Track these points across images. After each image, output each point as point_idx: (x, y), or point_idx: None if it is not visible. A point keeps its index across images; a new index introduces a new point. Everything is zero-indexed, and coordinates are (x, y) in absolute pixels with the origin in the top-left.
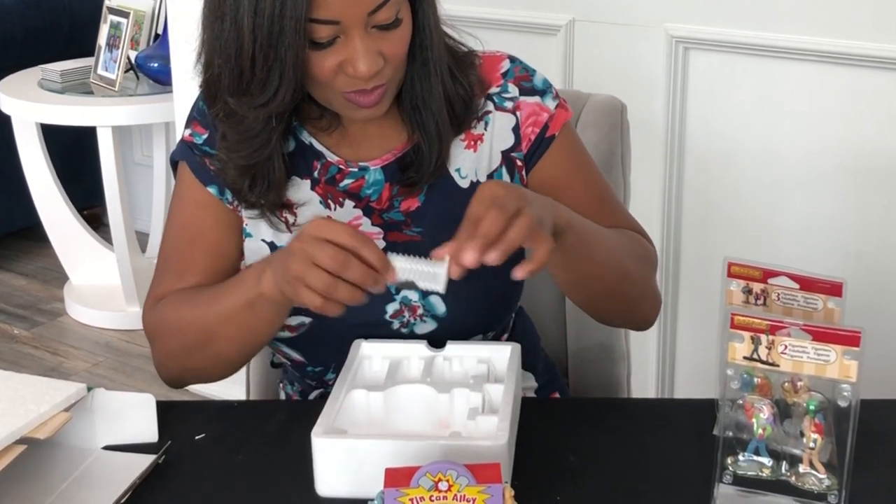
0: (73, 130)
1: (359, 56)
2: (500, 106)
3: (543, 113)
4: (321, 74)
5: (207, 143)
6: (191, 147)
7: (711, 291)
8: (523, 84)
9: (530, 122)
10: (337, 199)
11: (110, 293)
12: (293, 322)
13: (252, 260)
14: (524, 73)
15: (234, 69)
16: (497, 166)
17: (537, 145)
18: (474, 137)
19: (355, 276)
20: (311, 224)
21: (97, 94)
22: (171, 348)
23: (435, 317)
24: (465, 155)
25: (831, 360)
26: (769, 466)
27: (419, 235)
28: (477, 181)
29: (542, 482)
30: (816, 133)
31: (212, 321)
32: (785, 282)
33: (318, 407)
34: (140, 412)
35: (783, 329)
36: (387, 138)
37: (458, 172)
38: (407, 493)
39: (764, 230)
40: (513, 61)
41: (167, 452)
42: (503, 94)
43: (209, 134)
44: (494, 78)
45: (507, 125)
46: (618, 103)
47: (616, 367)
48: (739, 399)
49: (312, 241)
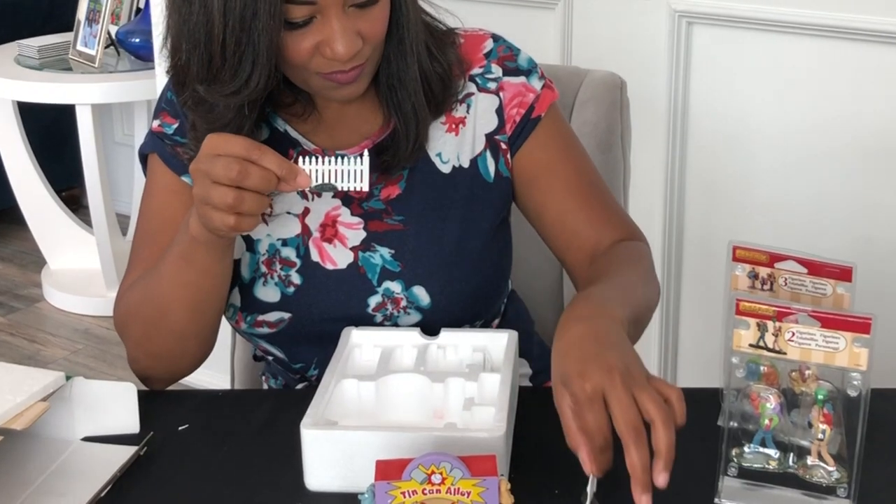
0: (52, 109)
1: (337, 37)
2: (483, 87)
3: (529, 93)
4: (297, 56)
5: (178, 133)
6: (161, 137)
7: (716, 276)
8: (507, 64)
9: (515, 102)
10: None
11: (90, 278)
12: (272, 318)
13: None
14: (508, 53)
15: (203, 55)
16: (481, 150)
17: (522, 126)
18: (455, 121)
19: (255, 182)
20: (205, 142)
21: (76, 71)
22: (135, 335)
23: (419, 308)
24: (446, 139)
25: (841, 348)
26: (776, 458)
27: (401, 224)
28: (459, 166)
29: (539, 474)
30: (824, 111)
31: (158, 291)
32: (792, 266)
33: (306, 397)
34: (121, 402)
35: (790, 315)
36: (365, 123)
37: (439, 157)
38: (399, 487)
39: (770, 212)
40: (496, 40)
41: (149, 444)
42: (486, 75)
43: (180, 123)
44: (476, 58)
45: (491, 107)
46: (617, 80)
47: None
48: (745, 388)
49: (207, 159)
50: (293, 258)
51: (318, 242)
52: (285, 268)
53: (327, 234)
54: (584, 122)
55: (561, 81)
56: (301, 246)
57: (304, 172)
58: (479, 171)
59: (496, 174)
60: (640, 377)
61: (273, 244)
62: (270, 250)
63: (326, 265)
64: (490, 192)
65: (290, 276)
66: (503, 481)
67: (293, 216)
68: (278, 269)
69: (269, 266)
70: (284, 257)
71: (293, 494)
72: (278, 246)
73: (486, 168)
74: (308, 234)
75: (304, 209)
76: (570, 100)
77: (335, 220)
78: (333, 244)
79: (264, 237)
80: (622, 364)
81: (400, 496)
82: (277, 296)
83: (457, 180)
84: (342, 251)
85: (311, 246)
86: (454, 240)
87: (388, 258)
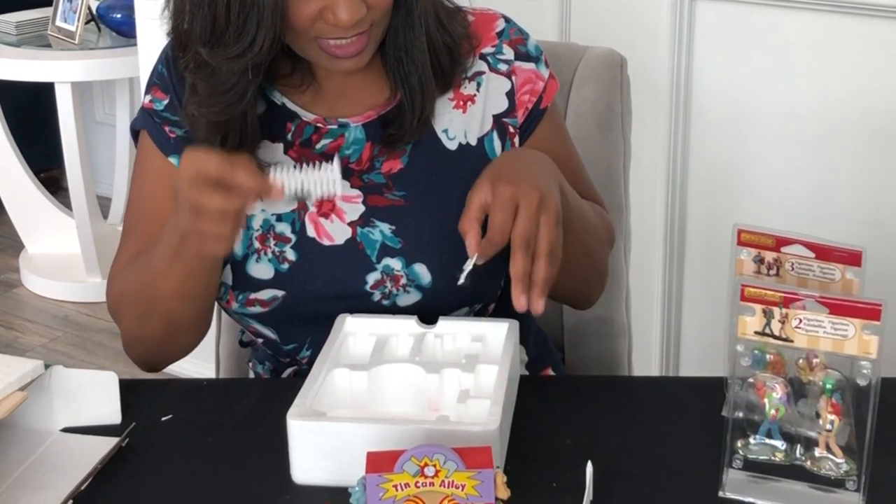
0: (30, 87)
1: (340, 2)
2: (495, 67)
3: (539, 81)
4: (299, 21)
5: (168, 110)
6: (151, 114)
7: (720, 261)
8: (519, 48)
9: (527, 89)
10: (313, 163)
11: (69, 263)
12: (265, 296)
13: None
14: (519, 37)
15: (207, 16)
16: (488, 130)
17: (533, 116)
18: (464, 97)
19: (217, 205)
20: (182, 161)
21: (55, 48)
22: (129, 320)
23: (419, 287)
24: (453, 115)
25: (850, 335)
26: (782, 450)
27: (402, 199)
28: (466, 143)
29: (537, 467)
30: (833, 89)
31: (150, 279)
32: (799, 250)
33: (294, 386)
34: (102, 391)
35: (797, 301)
36: (369, 94)
37: (445, 133)
38: (391, 480)
39: (776, 194)
40: (507, 21)
41: (131, 435)
42: (498, 56)
43: (170, 99)
44: (489, 37)
45: (502, 88)
46: (617, 57)
47: (616, 343)
48: (750, 377)
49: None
50: (288, 234)
51: (315, 217)
52: (280, 244)
53: (324, 209)
54: (582, 101)
55: (559, 58)
56: (297, 221)
57: (276, 187)
58: (486, 150)
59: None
60: (553, 210)
61: (267, 219)
62: (265, 226)
63: (323, 241)
64: None
65: (284, 252)
66: (499, 474)
67: None
68: (272, 245)
69: (262, 242)
70: (279, 233)
71: (280, 488)
72: (272, 221)
73: (492, 148)
74: (304, 209)
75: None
76: (568, 78)
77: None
78: (330, 219)
79: (258, 212)
80: (547, 191)
81: (392, 489)
82: (271, 273)
83: (462, 158)
84: (340, 226)
85: (307, 221)
86: (457, 218)
87: (389, 234)
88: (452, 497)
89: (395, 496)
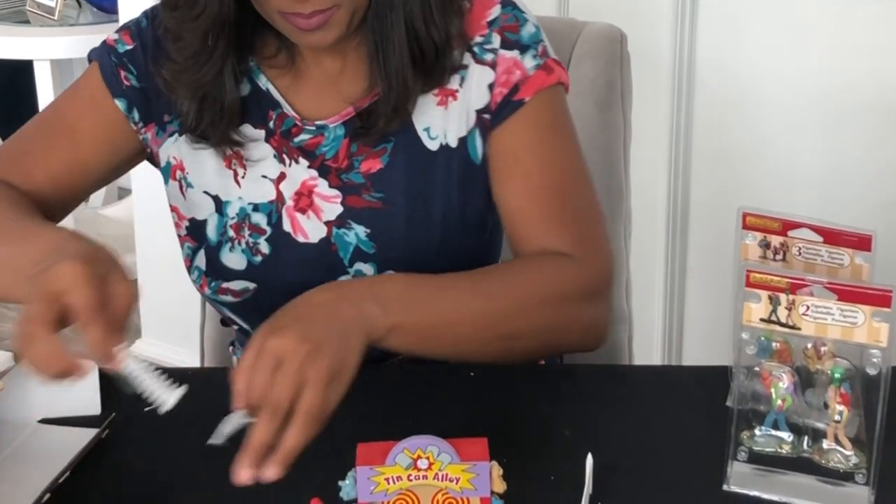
0: (7, 65)
1: None
2: (480, 58)
3: (517, 71)
4: None
5: (129, 56)
6: (109, 52)
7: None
8: (507, 35)
9: (502, 80)
10: (292, 155)
11: None
12: (236, 287)
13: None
14: (512, 23)
15: None
16: (471, 127)
17: (503, 107)
18: (447, 93)
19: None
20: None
21: (34, 24)
22: None
23: None
24: (435, 112)
25: (859, 323)
26: (789, 442)
27: (380, 202)
28: (446, 144)
29: (534, 460)
30: (842, 67)
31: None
32: (807, 234)
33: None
34: (81, 381)
35: (805, 288)
36: (351, 86)
37: (426, 132)
38: (382, 472)
39: (783, 175)
40: (504, 6)
41: (111, 426)
42: (485, 45)
43: (135, 48)
44: (479, 26)
45: (484, 80)
46: (617, 33)
47: (616, 331)
48: (756, 366)
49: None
50: (263, 225)
51: (292, 212)
52: (254, 234)
53: (301, 204)
54: (581, 79)
55: (557, 34)
56: (273, 213)
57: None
58: (468, 150)
59: (483, 155)
60: (323, 367)
61: (244, 208)
62: (241, 214)
63: (298, 237)
64: (476, 175)
65: (258, 244)
66: (495, 466)
67: (268, 180)
68: (246, 235)
69: (237, 231)
70: (254, 223)
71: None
72: (249, 210)
73: (474, 148)
74: (282, 202)
75: (280, 174)
76: (566, 54)
77: (311, 189)
78: (307, 215)
79: (235, 199)
80: (321, 345)
81: (384, 482)
82: (243, 263)
83: (441, 159)
84: (315, 224)
85: (283, 214)
86: (436, 226)
87: (363, 238)
88: (446, 491)
89: (387, 489)
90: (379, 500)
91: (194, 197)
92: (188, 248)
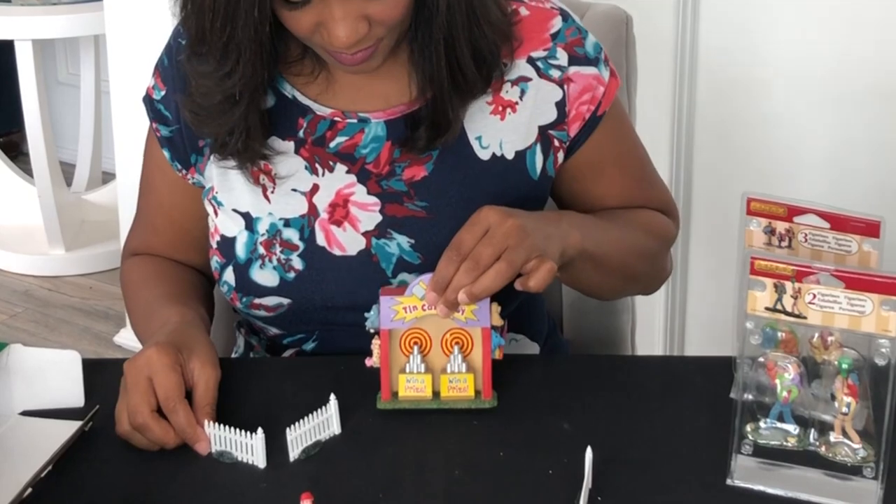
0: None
1: (335, 23)
2: (545, 74)
3: (600, 87)
4: (298, 31)
5: (163, 103)
6: (151, 103)
7: (728, 231)
8: (576, 50)
9: (585, 98)
10: (326, 163)
11: (30, 234)
12: (269, 303)
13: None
14: (577, 37)
15: (198, 24)
16: (532, 143)
17: (588, 126)
18: (504, 103)
19: (139, 443)
20: (144, 358)
21: (15, 3)
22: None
23: None
24: (489, 122)
25: (867, 312)
26: (795, 435)
27: (424, 211)
28: (501, 155)
29: (533, 453)
30: (848, 49)
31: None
32: (813, 220)
33: (274, 368)
34: (64, 372)
35: (811, 275)
36: (393, 89)
37: (478, 141)
38: (401, 302)
39: (788, 160)
40: (565, 19)
41: (95, 419)
42: (550, 60)
43: (167, 92)
44: (541, 38)
45: (551, 97)
46: (622, 14)
47: (618, 320)
48: (761, 357)
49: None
50: (295, 241)
51: (326, 225)
52: (286, 251)
53: (336, 216)
54: None
55: None
56: (306, 228)
57: (205, 439)
58: (526, 165)
59: (542, 172)
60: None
61: (274, 223)
62: (271, 230)
63: (333, 250)
64: (531, 189)
65: (290, 260)
66: (494, 304)
67: (299, 193)
68: (278, 251)
69: (267, 248)
70: (286, 239)
71: (254, 475)
72: (280, 226)
73: (533, 163)
74: (315, 215)
75: (313, 185)
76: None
77: (347, 199)
78: (343, 227)
79: (265, 215)
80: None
81: (402, 311)
82: (276, 280)
83: (494, 170)
84: (353, 236)
85: (317, 228)
86: None
87: (407, 248)
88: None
89: (405, 318)
90: (398, 327)
91: (224, 215)
92: (217, 262)
